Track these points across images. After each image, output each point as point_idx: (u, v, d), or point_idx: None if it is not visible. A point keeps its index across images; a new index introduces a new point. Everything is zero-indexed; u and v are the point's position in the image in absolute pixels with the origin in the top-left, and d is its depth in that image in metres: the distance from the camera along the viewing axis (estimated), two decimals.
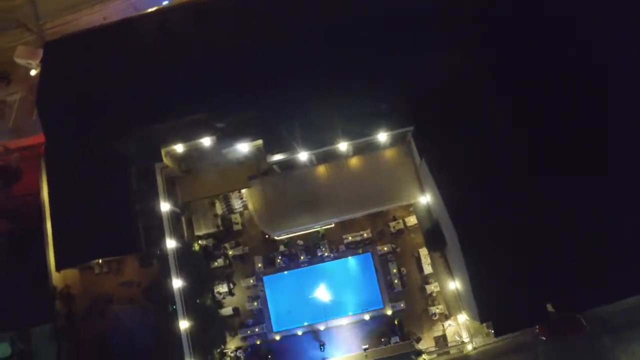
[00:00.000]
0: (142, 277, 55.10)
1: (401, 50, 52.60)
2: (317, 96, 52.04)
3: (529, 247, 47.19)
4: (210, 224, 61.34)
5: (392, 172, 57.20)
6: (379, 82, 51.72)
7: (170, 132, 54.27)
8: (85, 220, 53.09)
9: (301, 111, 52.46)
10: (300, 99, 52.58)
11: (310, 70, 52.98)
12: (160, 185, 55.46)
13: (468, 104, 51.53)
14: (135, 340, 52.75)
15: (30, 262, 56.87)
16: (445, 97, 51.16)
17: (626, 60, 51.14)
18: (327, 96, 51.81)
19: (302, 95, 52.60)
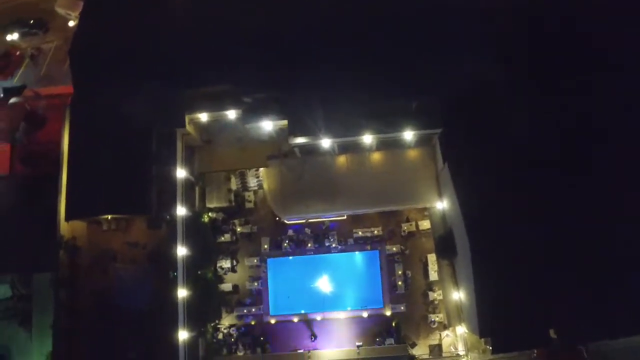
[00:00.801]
0: (148, 240, 54.89)
1: (439, 51, 51.45)
2: (348, 85, 51.06)
3: (541, 269, 45.91)
4: (223, 198, 61.06)
5: (413, 172, 56.29)
6: (413, 79, 50.70)
7: (197, 99, 53.95)
8: (100, 175, 53.04)
9: (330, 97, 51.71)
10: (331, 86, 51.61)
11: (345, 57, 51.95)
12: (180, 151, 55.28)
13: (499, 115, 50.05)
14: (133, 301, 52.63)
15: (41, 209, 57.05)
16: (477, 104, 50.05)
17: None
18: (358, 86, 50.86)
19: (333, 81, 51.60)
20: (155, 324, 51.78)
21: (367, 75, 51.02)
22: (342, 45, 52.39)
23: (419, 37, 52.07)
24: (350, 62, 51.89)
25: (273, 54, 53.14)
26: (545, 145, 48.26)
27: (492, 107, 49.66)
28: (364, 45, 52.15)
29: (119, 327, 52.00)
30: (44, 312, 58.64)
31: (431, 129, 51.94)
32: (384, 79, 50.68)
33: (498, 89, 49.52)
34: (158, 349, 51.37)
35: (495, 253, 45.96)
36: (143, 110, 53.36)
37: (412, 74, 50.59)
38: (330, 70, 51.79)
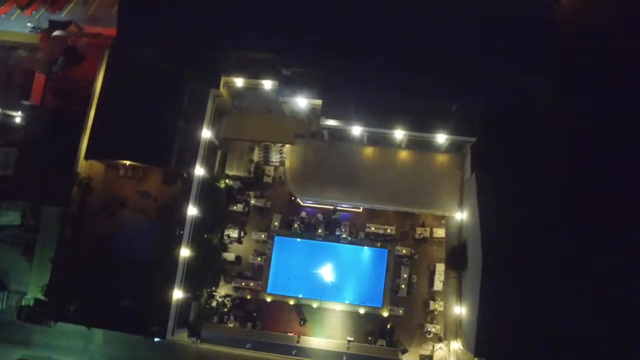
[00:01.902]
0: (161, 194, 54.51)
1: (489, 60, 50.11)
2: (392, 78, 50.17)
3: (552, 301, 44.35)
4: (243, 168, 60.34)
5: (437, 178, 54.89)
6: (457, 83, 49.36)
7: (236, 63, 53.26)
8: (126, 120, 53.02)
9: (371, 87, 50.67)
10: (375, 76, 50.77)
11: (395, 51, 50.79)
12: (209, 111, 54.66)
13: (538, 136, 48.67)
14: (135, 250, 52.43)
15: (63, 144, 57.16)
16: (517, 121, 48.58)
17: None
18: (400, 80, 49.84)
19: (378, 72, 50.78)
20: (152, 277, 51.43)
21: (414, 71, 49.87)
22: (395, 38, 51.18)
23: (472, 44, 50.77)
24: (399, 56, 50.67)
25: (325, 34, 52.07)
26: (583, 176, 46.27)
27: (533, 127, 48.13)
28: (417, 43, 50.75)
29: (116, 274, 51.87)
30: (47, 245, 58.94)
31: (466, 136, 50.42)
32: (430, 77, 49.36)
33: (541, 108, 47.77)
34: (150, 303, 51.03)
35: (507, 275, 44.56)
36: (180, 64, 53.24)
37: (458, 78, 49.26)
38: (378, 61, 50.77)
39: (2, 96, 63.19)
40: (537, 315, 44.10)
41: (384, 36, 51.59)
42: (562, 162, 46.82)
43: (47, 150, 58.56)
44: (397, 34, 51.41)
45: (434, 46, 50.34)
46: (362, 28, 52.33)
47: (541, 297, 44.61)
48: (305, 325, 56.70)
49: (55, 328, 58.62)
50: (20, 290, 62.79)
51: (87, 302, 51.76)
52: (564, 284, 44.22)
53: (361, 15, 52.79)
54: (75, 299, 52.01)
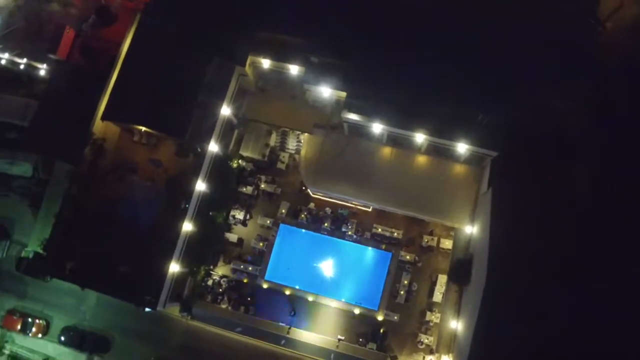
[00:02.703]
0: (172, 165, 54.10)
1: (522, 75, 48.44)
2: (422, 79, 48.83)
3: (552, 331, 42.73)
4: (258, 151, 59.57)
5: (453, 188, 53.52)
6: (487, 94, 47.94)
7: (265, 44, 52.48)
8: (148, 86, 52.47)
9: (397, 84, 49.36)
10: (405, 75, 49.42)
11: (429, 53, 49.37)
12: (231, 88, 53.97)
13: (560, 159, 46.96)
14: (138, 218, 52.17)
15: (83, 102, 56.91)
16: (541, 141, 47.01)
17: None
18: (429, 82, 48.53)
19: (408, 72, 49.38)
20: (151, 247, 51.11)
21: (444, 76, 48.57)
22: (430, 40, 49.69)
23: (509, 57, 48.99)
24: (432, 58, 49.31)
25: (359, 26, 50.93)
26: (605, 212, 44.46)
27: (559, 149, 46.48)
28: (452, 48, 49.19)
29: (116, 238, 51.66)
30: (54, 201, 59.06)
31: (488, 149, 48.93)
32: (461, 84, 48.02)
33: (570, 132, 46.20)
34: (146, 272, 50.67)
35: (509, 297, 42.99)
36: (209, 38, 52.57)
37: (489, 89, 47.82)
38: (409, 60, 49.49)
39: (31, 47, 63.53)
40: (535, 342, 42.60)
41: (419, 36, 50.22)
42: (586, 193, 44.89)
43: (67, 107, 58.54)
44: (433, 35, 49.94)
45: (469, 53, 48.87)
46: (398, 25, 51.08)
47: (541, 326, 43.00)
48: (294, 316, 55.95)
49: (51, 284, 58.82)
50: (22, 242, 63.26)
51: (84, 263, 51.61)
52: (569, 320, 42.50)
53: (399, 12, 51.49)
54: (72, 257, 51.90)
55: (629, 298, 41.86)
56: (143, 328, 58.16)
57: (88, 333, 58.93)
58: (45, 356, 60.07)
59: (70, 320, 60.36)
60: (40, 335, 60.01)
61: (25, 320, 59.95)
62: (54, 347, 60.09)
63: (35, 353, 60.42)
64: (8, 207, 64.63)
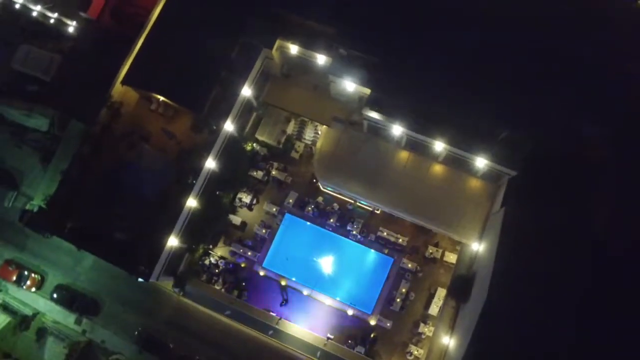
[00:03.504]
0: (186, 138, 53.45)
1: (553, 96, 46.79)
2: (447, 84, 47.40)
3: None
4: (274, 136, 58.71)
5: (465, 202, 51.95)
6: (513, 111, 46.41)
7: (295, 29, 51.30)
8: (172, 56, 51.93)
9: (424, 88, 47.98)
10: (430, 78, 47.98)
11: (458, 57, 48.06)
12: (255, 70, 53.07)
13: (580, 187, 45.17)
14: (144, 187, 51.66)
15: (106, 63, 56.44)
16: (563, 165, 45.32)
17: None
18: (456, 90, 47.05)
19: (433, 74, 48.01)
20: (153, 218, 50.61)
21: (473, 86, 46.88)
22: (465, 47, 48.15)
23: (544, 77, 47.31)
24: (463, 66, 47.84)
25: (395, 24, 49.56)
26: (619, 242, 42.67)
27: (580, 177, 44.66)
28: (486, 58, 47.76)
29: (119, 204, 51.29)
30: (65, 158, 58.94)
31: (507, 167, 47.36)
32: (488, 96, 46.38)
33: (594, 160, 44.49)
34: (144, 242, 50.20)
35: (508, 319, 41.60)
36: (240, 15, 51.69)
37: (517, 106, 46.18)
38: (439, 65, 48.04)
39: (63, 2, 63.32)
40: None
41: (454, 43, 48.62)
42: (602, 225, 43.12)
43: (90, 66, 58.42)
44: (468, 44, 48.36)
45: (502, 67, 47.32)
46: (434, 28, 49.54)
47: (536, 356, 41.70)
48: (285, 305, 55.26)
49: (51, 240, 58.55)
50: (28, 194, 63.33)
51: (84, 223, 51.27)
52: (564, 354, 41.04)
53: (436, 16, 49.99)
54: (73, 217, 51.59)
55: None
56: (134, 297, 57.89)
57: (80, 294, 58.83)
58: (35, 310, 60.05)
59: (64, 279, 60.31)
60: (34, 289, 60.06)
61: (21, 273, 59.99)
62: (45, 303, 60.09)
63: (27, 306, 60.43)
64: (19, 159, 64.67)
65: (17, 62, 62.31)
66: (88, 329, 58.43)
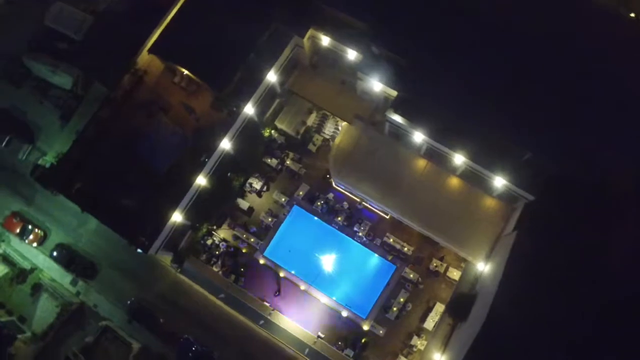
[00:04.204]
0: (204, 115, 52.98)
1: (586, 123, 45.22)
2: (476, 96, 45.86)
3: None
4: (293, 126, 57.90)
5: (478, 219, 50.62)
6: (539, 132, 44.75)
7: (330, 21, 50.17)
8: (202, 31, 51.18)
9: (452, 98, 46.43)
10: (460, 88, 46.44)
11: (491, 72, 46.54)
12: (284, 56, 52.23)
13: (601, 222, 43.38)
14: (156, 158, 51.32)
15: (136, 29, 55.80)
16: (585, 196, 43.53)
17: None
18: (485, 104, 45.61)
19: (464, 85, 46.45)
20: (160, 191, 50.29)
21: (503, 102, 45.39)
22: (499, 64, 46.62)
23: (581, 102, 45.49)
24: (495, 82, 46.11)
25: (431, 29, 48.01)
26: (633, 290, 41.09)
27: (601, 211, 42.96)
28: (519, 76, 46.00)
29: (129, 172, 50.99)
30: (83, 119, 58.89)
31: (525, 190, 45.91)
32: (517, 114, 44.90)
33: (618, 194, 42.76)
34: (148, 214, 49.89)
35: (504, 346, 40.42)
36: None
37: (546, 129, 44.54)
38: (471, 78, 46.37)
39: None
40: None
41: (489, 55, 47.19)
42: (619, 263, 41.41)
43: (120, 31, 57.67)
44: (503, 58, 46.90)
45: (535, 87, 45.77)
46: (470, 39, 48.09)
47: None
48: (278, 296, 54.78)
49: (58, 198, 58.49)
50: (43, 150, 63.47)
51: (91, 186, 51.05)
52: None
53: (474, 26, 48.44)
54: (82, 178, 51.44)
55: None
56: (132, 267, 57.80)
57: (79, 256, 58.89)
58: (34, 265, 60.28)
59: (66, 239, 60.39)
60: (35, 244, 60.27)
61: (25, 226, 60.23)
62: (44, 260, 60.27)
63: (26, 260, 60.66)
64: (40, 114, 64.81)
65: (49, 19, 62.20)
66: (82, 292, 58.50)
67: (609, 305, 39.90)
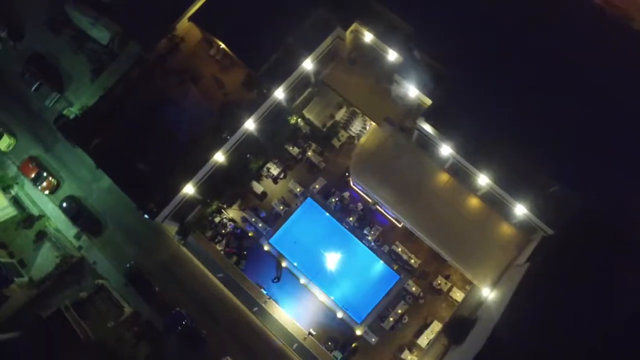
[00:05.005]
0: (234, 92, 52.18)
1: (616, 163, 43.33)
2: (512, 120, 44.35)
3: None
4: (321, 118, 56.99)
5: (491, 244, 48.99)
6: (572, 166, 43.07)
7: (376, 17, 48.93)
8: (247, 7, 50.18)
9: (488, 116, 44.82)
10: (498, 107, 44.96)
11: (532, 96, 44.75)
12: (324, 46, 51.09)
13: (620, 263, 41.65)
14: (179, 127, 50.67)
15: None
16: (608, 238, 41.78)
17: None
18: (519, 129, 44.08)
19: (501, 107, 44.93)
20: (177, 160, 49.63)
21: (540, 129, 43.81)
22: (543, 89, 44.74)
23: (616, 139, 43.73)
24: (534, 107, 44.40)
25: (480, 42, 46.25)
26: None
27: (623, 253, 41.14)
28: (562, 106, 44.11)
29: (149, 137, 50.51)
30: (114, 77, 58.75)
31: (545, 224, 44.36)
32: (552, 144, 43.38)
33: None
34: (161, 181, 49.34)
35: None
36: None
37: (579, 162, 42.92)
38: (510, 102, 44.84)
39: None
40: None
41: (532, 81, 45.27)
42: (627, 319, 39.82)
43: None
44: (548, 84, 44.97)
45: (575, 119, 43.93)
46: (515, 60, 46.30)
47: None
48: (276, 283, 54.30)
49: (77, 151, 58.36)
50: (70, 100, 63.56)
51: (109, 144, 50.69)
52: None
53: (521, 49, 46.67)
54: (102, 135, 51.09)
55: None
56: (137, 232, 57.61)
57: (87, 211, 58.83)
58: (42, 212, 60.46)
59: (77, 192, 60.41)
60: (47, 192, 60.45)
61: (40, 172, 60.38)
62: (53, 209, 60.37)
63: (35, 206, 60.88)
64: (73, 64, 64.95)
65: None
66: (84, 247, 58.49)
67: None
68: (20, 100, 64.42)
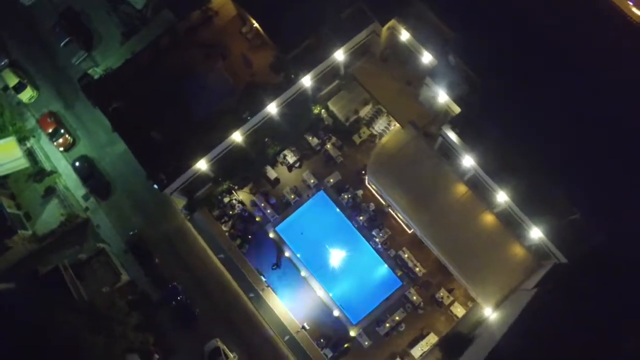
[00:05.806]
0: (260, 73, 51.16)
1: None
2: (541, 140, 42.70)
3: None
4: (345, 112, 55.79)
5: (500, 264, 47.55)
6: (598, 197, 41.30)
7: (414, 16, 47.42)
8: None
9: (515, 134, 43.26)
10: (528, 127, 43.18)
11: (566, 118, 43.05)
12: (358, 39, 49.95)
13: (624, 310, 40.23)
14: (200, 101, 49.85)
15: None
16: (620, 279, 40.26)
17: None
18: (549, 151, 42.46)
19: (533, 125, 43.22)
20: (194, 135, 48.83)
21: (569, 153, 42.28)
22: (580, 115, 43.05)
23: None
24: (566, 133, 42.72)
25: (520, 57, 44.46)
26: None
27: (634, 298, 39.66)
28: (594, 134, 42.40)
29: (169, 106, 49.76)
30: (143, 42, 58.04)
31: (560, 251, 42.85)
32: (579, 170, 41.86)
33: None
34: (175, 153, 48.67)
35: None
36: None
37: (605, 193, 41.03)
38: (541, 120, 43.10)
39: None
40: None
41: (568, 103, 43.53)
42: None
43: None
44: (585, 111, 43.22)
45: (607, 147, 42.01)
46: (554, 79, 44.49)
47: None
48: (275, 270, 53.60)
49: (96, 111, 57.73)
50: (96, 61, 63.34)
51: (128, 109, 50.10)
52: None
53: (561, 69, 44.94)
54: (123, 98, 50.46)
55: None
56: (144, 201, 57.16)
57: (98, 173, 58.52)
58: (54, 168, 60.24)
59: (91, 153, 60.12)
60: (62, 149, 60.24)
61: (57, 128, 60.20)
62: (65, 167, 60.17)
63: (49, 161, 60.75)
64: (104, 25, 64.77)
65: None
66: (91, 208, 58.17)
67: None
68: (47, 54, 64.24)
